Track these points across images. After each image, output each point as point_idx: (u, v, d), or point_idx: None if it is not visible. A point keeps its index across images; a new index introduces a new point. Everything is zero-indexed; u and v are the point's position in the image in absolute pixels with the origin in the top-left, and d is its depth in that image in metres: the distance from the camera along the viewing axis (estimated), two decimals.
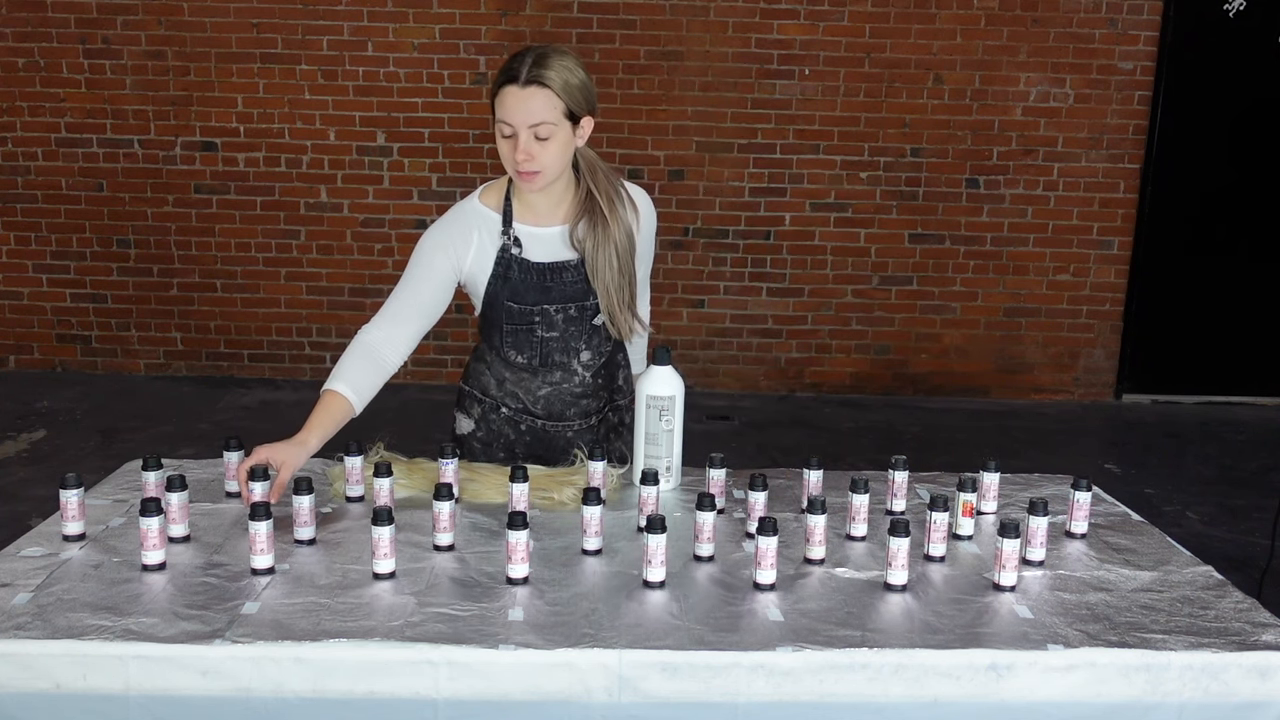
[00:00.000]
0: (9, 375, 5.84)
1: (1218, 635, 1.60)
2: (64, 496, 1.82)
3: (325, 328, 5.86)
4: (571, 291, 2.19)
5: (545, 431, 2.30)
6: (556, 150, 2.04)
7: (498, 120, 2.03)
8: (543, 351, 2.23)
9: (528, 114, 1.99)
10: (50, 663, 1.49)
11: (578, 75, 2.03)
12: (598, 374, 2.30)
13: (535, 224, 2.17)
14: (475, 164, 5.65)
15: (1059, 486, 2.18)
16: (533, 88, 1.98)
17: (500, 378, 2.29)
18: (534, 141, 2.01)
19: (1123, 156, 5.70)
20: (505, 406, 2.30)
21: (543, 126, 2.00)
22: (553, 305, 2.19)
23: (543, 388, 2.27)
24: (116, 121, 5.64)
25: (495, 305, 2.20)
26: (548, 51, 2.03)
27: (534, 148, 2.02)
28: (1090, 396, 5.97)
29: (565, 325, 2.21)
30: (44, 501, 3.85)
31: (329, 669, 1.49)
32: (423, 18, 5.52)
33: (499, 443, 2.31)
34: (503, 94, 2.01)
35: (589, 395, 2.30)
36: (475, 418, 2.33)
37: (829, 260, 5.81)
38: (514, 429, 2.31)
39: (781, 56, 5.58)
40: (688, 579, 1.75)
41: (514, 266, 2.15)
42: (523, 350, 2.23)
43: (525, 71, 1.99)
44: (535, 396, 2.28)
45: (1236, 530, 4.19)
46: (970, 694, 1.53)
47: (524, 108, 1.99)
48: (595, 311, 2.22)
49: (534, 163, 2.03)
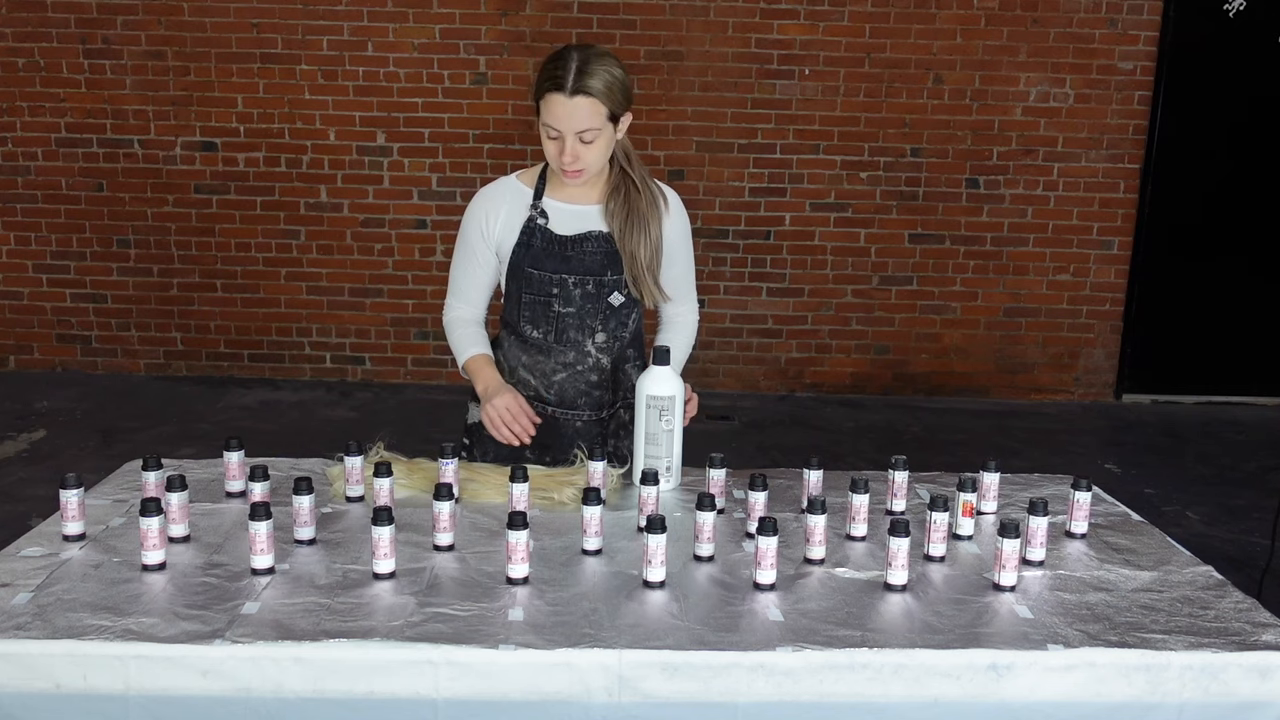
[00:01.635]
0: (9, 375, 5.84)
1: (1218, 635, 1.60)
2: (64, 496, 1.82)
3: (325, 328, 5.86)
4: (591, 263, 2.23)
5: (554, 419, 2.32)
6: (601, 149, 2.14)
7: (543, 123, 2.10)
8: (559, 327, 2.27)
9: (575, 121, 2.07)
10: (50, 663, 1.49)
11: (616, 75, 2.10)
12: (611, 363, 2.32)
13: (566, 200, 2.25)
14: (475, 164, 5.65)
15: (1059, 486, 2.18)
16: (580, 97, 2.05)
17: (515, 362, 2.34)
18: (580, 144, 2.10)
19: (1123, 156, 5.70)
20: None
21: (588, 132, 2.09)
22: (571, 276, 2.23)
23: (558, 371, 2.31)
24: (116, 121, 5.64)
25: (517, 274, 2.26)
26: (590, 56, 2.08)
27: (580, 149, 2.10)
28: (1090, 396, 5.97)
29: (582, 301, 2.25)
30: (44, 501, 3.85)
31: (329, 669, 1.50)
32: (423, 18, 5.53)
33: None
34: (549, 100, 2.07)
35: (602, 386, 2.32)
36: None
37: (829, 260, 5.81)
38: None
39: (781, 56, 5.58)
40: (688, 579, 1.75)
41: (538, 235, 2.23)
42: (539, 324, 2.28)
43: (571, 81, 2.04)
44: (550, 381, 2.31)
45: (1236, 530, 4.19)
46: (970, 694, 1.53)
47: (571, 116, 2.06)
48: (613, 288, 2.26)
49: (580, 163, 2.12)
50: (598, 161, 2.15)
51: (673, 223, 2.30)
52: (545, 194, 2.25)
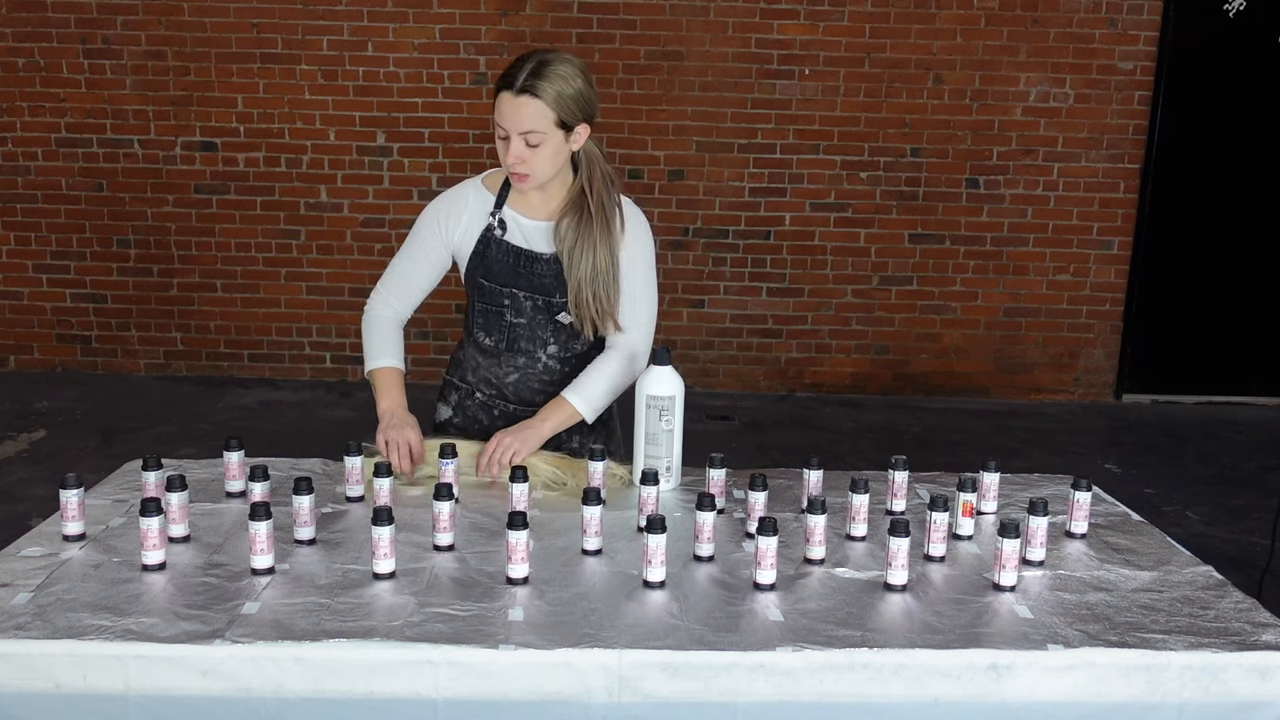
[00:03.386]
0: (9, 375, 5.84)
1: (1218, 635, 1.60)
2: (64, 496, 1.82)
3: (325, 328, 5.86)
4: (540, 284, 2.23)
5: (516, 416, 2.33)
6: (547, 156, 2.10)
7: (495, 121, 2.10)
8: (510, 336, 2.28)
9: (518, 121, 2.06)
10: (50, 663, 1.49)
11: (574, 85, 2.07)
12: (567, 366, 2.33)
13: (525, 213, 2.24)
14: (475, 164, 5.63)
15: (1059, 486, 2.18)
16: (525, 97, 2.05)
17: (475, 363, 2.37)
18: (524, 147, 2.08)
19: (1123, 156, 5.70)
20: (479, 392, 2.39)
21: (533, 134, 2.07)
22: (522, 291, 2.24)
23: (510, 373, 2.33)
24: (116, 121, 5.64)
25: (471, 281, 2.29)
26: (548, 60, 2.07)
27: (525, 152, 2.09)
28: (1090, 396, 5.97)
29: (533, 314, 2.26)
30: (44, 501, 3.85)
31: (329, 669, 1.50)
32: (423, 18, 5.52)
33: (474, 427, 2.39)
34: (500, 98, 2.08)
35: (557, 384, 2.31)
36: (452, 404, 2.43)
37: (829, 260, 5.81)
38: (487, 414, 2.38)
39: (781, 56, 5.58)
40: (688, 579, 1.75)
41: (493, 245, 2.24)
42: (491, 332, 2.30)
43: (521, 80, 2.05)
44: (504, 382, 2.34)
45: (1236, 530, 4.19)
46: (970, 694, 1.53)
47: (516, 115, 2.06)
48: (561, 308, 2.25)
49: (524, 166, 2.11)
50: (544, 168, 2.12)
51: (627, 247, 2.22)
52: (506, 204, 2.24)
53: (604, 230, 2.17)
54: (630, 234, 2.23)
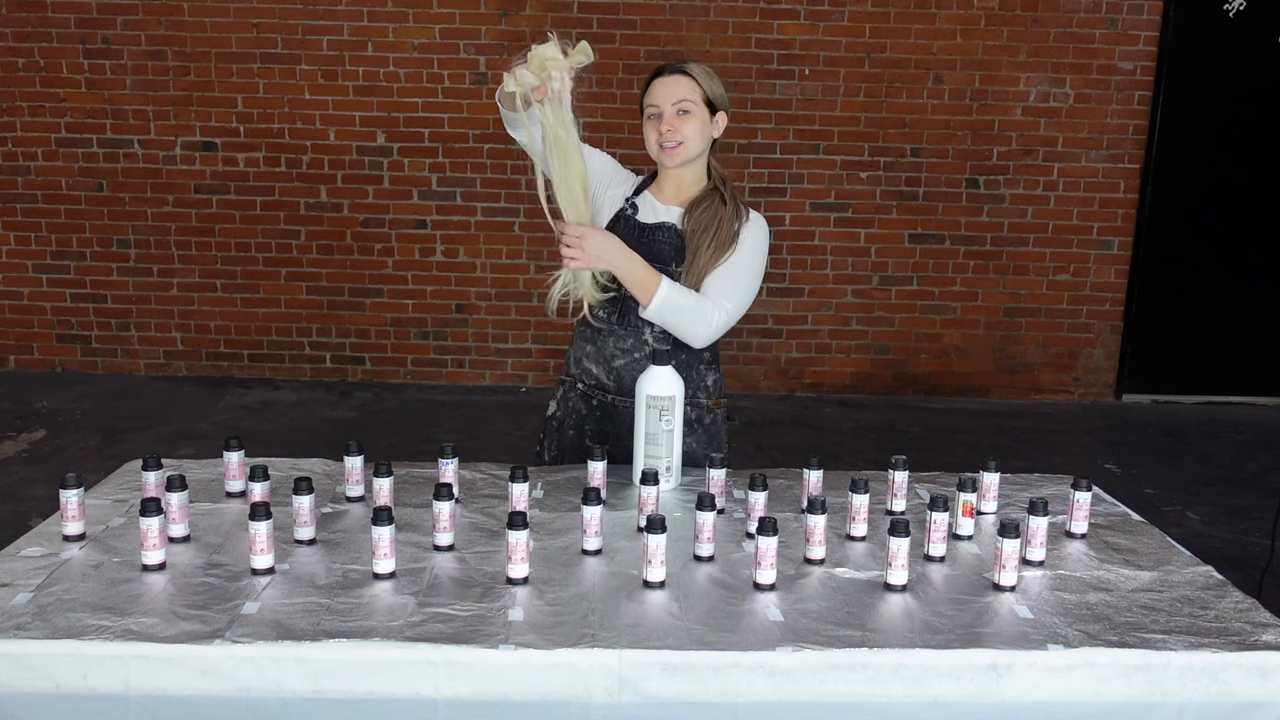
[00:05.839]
0: (9, 375, 5.84)
1: (1218, 635, 1.60)
2: (64, 496, 1.82)
3: (325, 328, 5.86)
4: (659, 250, 2.30)
5: (614, 407, 2.36)
6: (696, 127, 2.30)
7: (645, 106, 2.34)
8: (622, 309, 2.33)
9: (671, 94, 2.30)
10: (50, 663, 1.49)
11: (715, 78, 2.36)
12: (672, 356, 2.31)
13: (659, 198, 2.40)
14: (475, 164, 5.65)
15: (1059, 486, 2.18)
16: (676, 75, 2.33)
17: (582, 353, 2.42)
18: (676, 116, 2.29)
19: (1123, 156, 5.70)
20: (581, 383, 2.43)
21: (684, 103, 2.29)
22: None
23: (616, 356, 2.35)
24: (116, 121, 5.64)
25: None
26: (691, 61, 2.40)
27: (676, 121, 2.29)
28: (1090, 396, 5.97)
29: None
30: (44, 501, 3.85)
31: (329, 669, 1.50)
32: (423, 18, 5.53)
33: (571, 419, 2.44)
34: (652, 85, 2.35)
35: None
36: (557, 398, 2.50)
37: (829, 260, 5.81)
38: (586, 404, 2.42)
39: (781, 56, 5.58)
40: (688, 579, 1.75)
41: (622, 222, 2.37)
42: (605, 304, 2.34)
43: (670, 65, 2.36)
44: (610, 366, 2.37)
45: (1236, 530, 4.19)
46: (970, 694, 1.53)
47: (667, 90, 2.31)
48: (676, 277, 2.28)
49: (677, 134, 2.29)
50: (694, 140, 2.29)
51: (748, 229, 2.35)
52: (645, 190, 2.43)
53: (734, 211, 2.33)
54: (753, 223, 2.37)
